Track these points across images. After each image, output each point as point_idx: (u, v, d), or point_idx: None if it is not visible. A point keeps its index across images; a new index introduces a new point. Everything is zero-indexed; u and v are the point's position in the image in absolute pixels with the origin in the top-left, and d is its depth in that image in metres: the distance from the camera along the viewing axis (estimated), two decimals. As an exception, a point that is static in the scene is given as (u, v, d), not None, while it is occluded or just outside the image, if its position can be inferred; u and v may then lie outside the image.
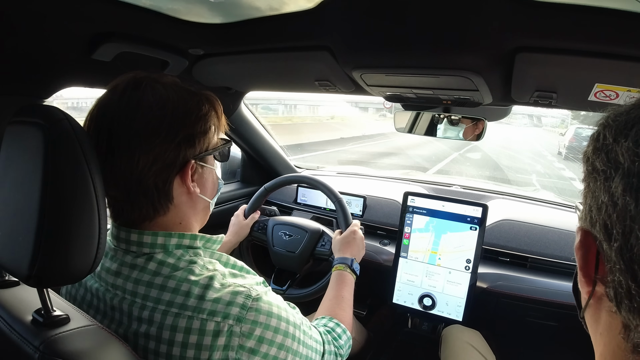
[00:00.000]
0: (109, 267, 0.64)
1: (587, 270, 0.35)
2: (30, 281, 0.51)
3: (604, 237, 0.32)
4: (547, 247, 1.37)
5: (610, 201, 0.31)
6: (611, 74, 0.78)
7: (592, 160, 0.35)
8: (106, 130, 0.60)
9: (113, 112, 0.60)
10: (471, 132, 1.29)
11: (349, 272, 1.10)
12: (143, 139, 0.59)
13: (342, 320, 0.92)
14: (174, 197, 0.64)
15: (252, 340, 0.59)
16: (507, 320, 1.45)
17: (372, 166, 7.37)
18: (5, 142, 0.56)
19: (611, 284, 0.32)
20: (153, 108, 0.60)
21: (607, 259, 0.32)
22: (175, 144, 0.61)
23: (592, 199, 0.34)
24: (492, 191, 1.79)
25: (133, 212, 0.63)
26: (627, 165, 0.30)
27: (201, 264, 0.63)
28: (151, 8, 0.85)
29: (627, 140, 0.31)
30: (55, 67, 0.92)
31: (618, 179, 0.31)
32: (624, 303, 0.31)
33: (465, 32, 0.77)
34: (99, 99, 0.63)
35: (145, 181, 0.60)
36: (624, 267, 0.30)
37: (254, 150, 1.84)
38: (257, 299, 0.61)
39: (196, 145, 0.64)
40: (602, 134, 0.35)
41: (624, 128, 0.32)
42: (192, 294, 0.58)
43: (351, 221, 1.32)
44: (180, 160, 0.63)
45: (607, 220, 0.32)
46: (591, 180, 0.35)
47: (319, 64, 1.03)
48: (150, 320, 0.58)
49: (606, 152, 0.33)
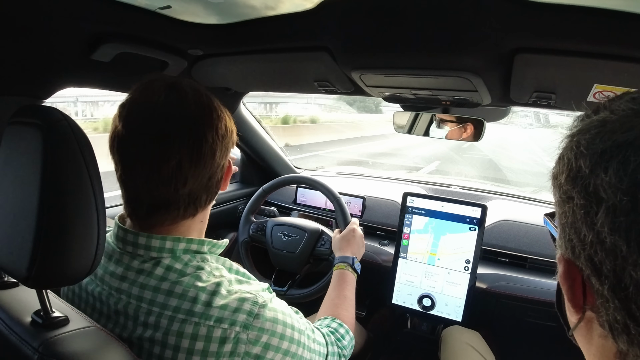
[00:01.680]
0: (113, 271, 0.63)
1: (576, 301, 0.34)
2: (29, 282, 0.51)
3: (591, 272, 0.31)
4: (546, 248, 1.37)
5: (596, 238, 0.30)
6: (610, 74, 0.78)
7: (567, 189, 0.33)
8: (160, 139, 0.59)
9: (164, 118, 0.60)
10: (474, 135, 1.28)
11: (350, 270, 1.10)
12: (220, 139, 0.64)
13: (344, 320, 0.92)
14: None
15: (258, 347, 0.59)
16: (506, 320, 1.45)
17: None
18: (4, 143, 0.56)
19: (604, 317, 0.31)
20: (216, 108, 0.64)
21: (598, 294, 0.31)
22: (221, 149, 0.65)
23: (572, 230, 0.32)
24: (491, 192, 1.79)
25: (161, 216, 0.63)
26: (612, 202, 0.28)
27: (208, 270, 0.63)
28: (150, 9, 0.84)
29: (607, 174, 0.29)
30: (54, 68, 0.92)
31: (602, 215, 0.29)
32: (622, 337, 0.30)
33: (464, 33, 0.77)
34: (138, 106, 0.61)
35: (214, 177, 0.65)
36: (620, 305, 0.29)
37: (253, 151, 1.84)
38: (264, 306, 0.61)
39: (230, 149, 0.69)
40: (576, 164, 0.32)
41: (601, 159, 0.30)
42: (199, 300, 0.58)
43: (350, 220, 1.32)
44: (222, 165, 0.67)
45: (595, 257, 0.30)
46: (568, 210, 0.33)
47: (318, 64, 1.03)
48: (157, 325, 0.58)
49: (583, 184, 0.31)
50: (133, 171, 0.60)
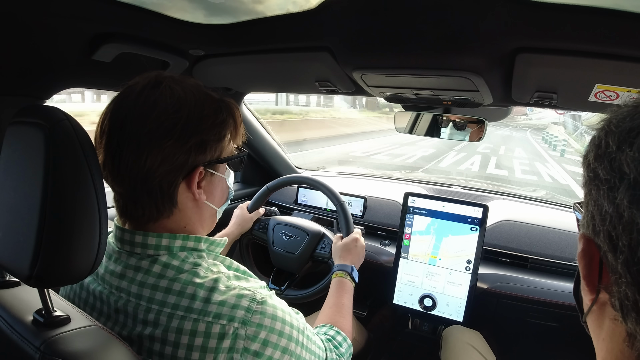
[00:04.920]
0: (113, 270, 0.63)
1: (591, 278, 0.34)
2: (31, 281, 0.51)
3: (608, 248, 0.31)
4: (548, 248, 1.37)
5: (615, 212, 0.30)
6: (611, 74, 0.78)
7: (594, 167, 0.34)
8: (119, 125, 0.60)
9: (128, 108, 0.60)
10: (476, 135, 1.29)
11: (348, 279, 1.11)
12: (154, 139, 0.59)
13: (342, 328, 0.92)
14: (178, 202, 0.63)
15: (256, 343, 0.59)
16: (507, 320, 1.45)
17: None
18: (6, 143, 0.56)
19: (616, 295, 0.31)
20: (168, 110, 0.60)
21: (612, 270, 0.31)
22: (185, 148, 0.61)
23: (595, 207, 0.33)
24: (492, 192, 1.79)
25: (137, 211, 0.63)
26: (634, 176, 0.29)
27: (205, 266, 0.63)
28: (152, 9, 0.85)
29: (632, 149, 0.30)
30: (55, 68, 0.92)
31: (624, 189, 0.30)
32: (630, 315, 0.30)
33: (466, 33, 0.77)
34: (118, 95, 0.63)
35: (150, 181, 0.60)
36: (631, 280, 0.29)
37: (254, 151, 1.85)
38: (262, 302, 0.61)
39: (207, 152, 0.64)
40: (605, 141, 0.33)
41: (628, 136, 0.31)
42: (197, 296, 0.58)
43: (353, 228, 1.31)
44: (189, 165, 0.62)
45: (612, 232, 0.31)
46: (593, 187, 0.34)
47: (319, 64, 1.04)
48: (156, 322, 0.58)
49: (609, 160, 0.32)
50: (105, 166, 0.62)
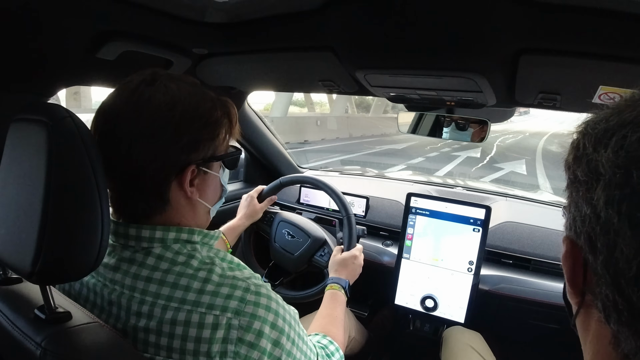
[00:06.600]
0: (107, 262, 0.64)
1: (576, 281, 0.35)
2: (32, 278, 0.52)
3: (588, 249, 0.32)
4: (550, 250, 1.36)
5: (593, 213, 0.31)
6: (616, 76, 0.77)
7: (574, 169, 0.34)
8: (112, 122, 0.60)
9: (122, 105, 0.60)
10: (478, 136, 1.29)
11: (342, 293, 1.12)
12: (146, 136, 0.59)
13: (335, 338, 0.92)
14: (171, 199, 0.64)
15: (250, 334, 0.59)
16: (509, 322, 1.44)
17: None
18: (9, 140, 0.57)
19: (599, 296, 0.31)
20: (162, 107, 0.60)
21: (594, 271, 0.32)
22: (178, 146, 0.61)
23: (576, 209, 0.34)
24: (495, 193, 1.79)
25: (129, 208, 0.64)
26: (608, 176, 0.29)
27: (199, 258, 0.63)
28: (156, 7, 0.85)
29: (607, 150, 0.30)
30: (59, 66, 0.93)
31: (600, 190, 0.30)
32: (612, 316, 0.30)
33: (470, 34, 0.77)
34: (113, 91, 0.63)
35: (141, 178, 0.60)
36: (610, 281, 0.29)
37: (257, 150, 1.85)
38: (256, 293, 0.61)
39: (200, 150, 0.63)
40: (582, 143, 0.34)
41: (603, 137, 0.31)
42: (191, 288, 0.59)
43: (355, 244, 1.31)
44: (181, 164, 0.62)
45: (591, 233, 0.31)
46: (573, 189, 0.34)
47: (322, 64, 1.03)
48: (150, 314, 0.58)
49: (586, 162, 0.32)
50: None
